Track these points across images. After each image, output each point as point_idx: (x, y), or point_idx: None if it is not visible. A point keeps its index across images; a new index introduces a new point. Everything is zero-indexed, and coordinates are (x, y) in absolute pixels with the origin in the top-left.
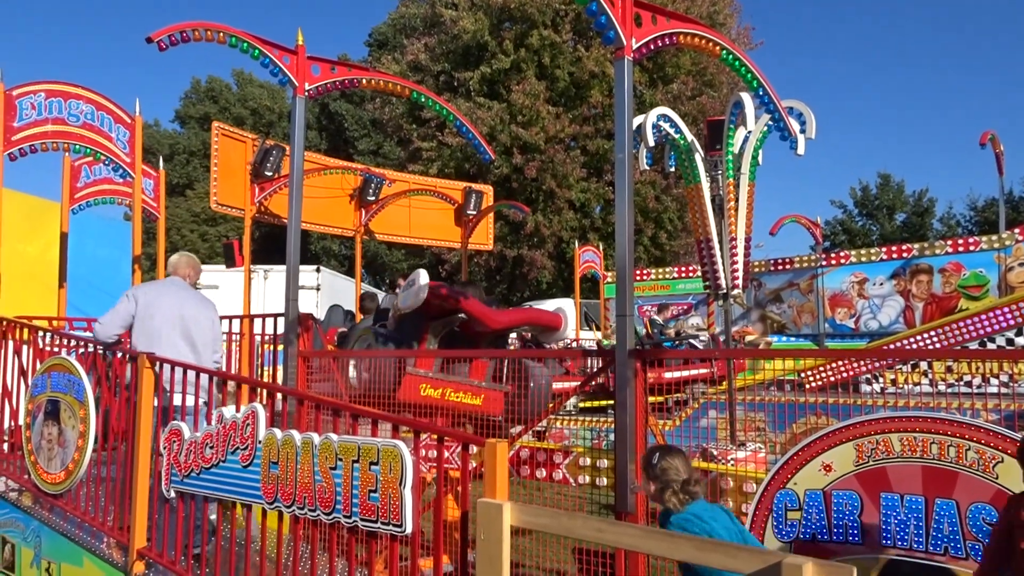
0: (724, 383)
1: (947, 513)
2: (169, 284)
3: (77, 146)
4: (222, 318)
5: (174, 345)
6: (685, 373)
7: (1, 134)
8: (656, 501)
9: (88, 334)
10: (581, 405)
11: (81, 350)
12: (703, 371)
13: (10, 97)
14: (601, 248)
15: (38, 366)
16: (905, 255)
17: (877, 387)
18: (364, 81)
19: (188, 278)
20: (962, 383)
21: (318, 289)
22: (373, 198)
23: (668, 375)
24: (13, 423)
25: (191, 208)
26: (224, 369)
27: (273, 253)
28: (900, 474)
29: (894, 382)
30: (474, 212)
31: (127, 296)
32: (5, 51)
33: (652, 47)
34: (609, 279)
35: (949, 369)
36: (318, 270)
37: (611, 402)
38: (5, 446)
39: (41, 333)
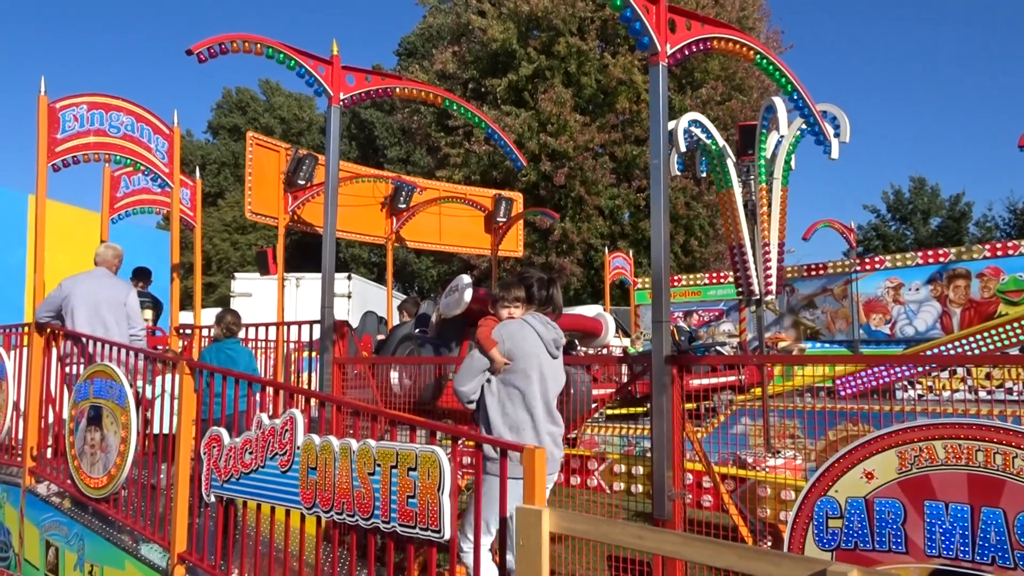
0: (753, 390)
1: (994, 522)
2: (90, 273)
3: (118, 157)
4: (256, 325)
5: (88, 323)
6: (712, 381)
7: (45, 146)
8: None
9: (138, 340)
10: (608, 412)
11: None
12: (730, 378)
13: (54, 110)
14: (631, 255)
15: (81, 372)
16: (942, 260)
17: (914, 394)
18: (398, 90)
19: (112, 266)
20: (1002, 390)
21: (349, 296)
22: (404, 206)
23: (695, 382)
24: (57, 429)
25: (222, 217)
26: (145, 343)
27: (304, 261)
28: (944, 482)
29: (931, 389)
30: (504, 219)
31: (59, 286)
32: (44, 62)
33: (686, 52)
34: (640, 285)
35: (989, 376)
36: (349, 277)
37: (639, 409)
38: (49, 451)
39: (84, 340)
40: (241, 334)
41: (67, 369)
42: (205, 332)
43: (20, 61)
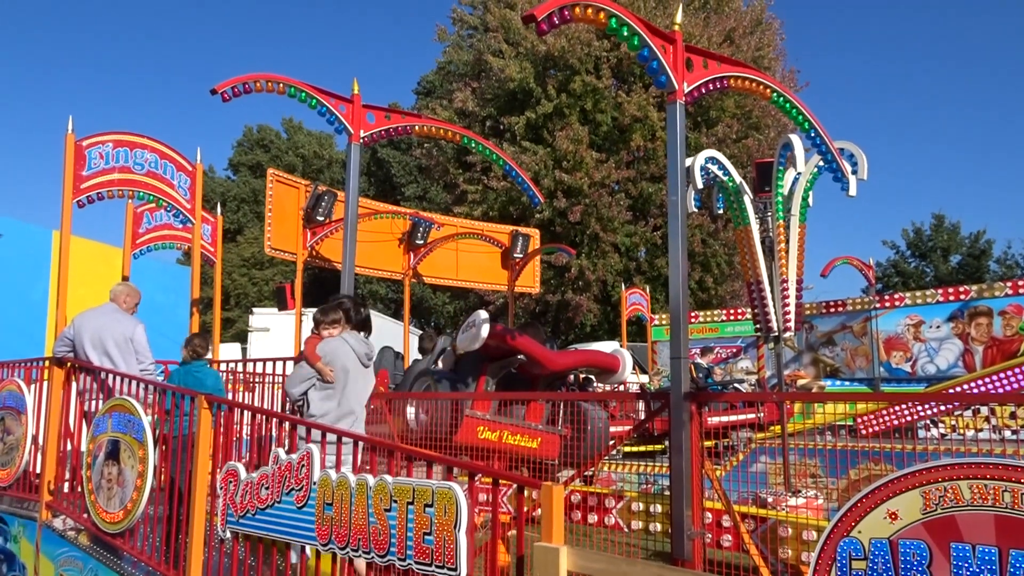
0: (772, 428)
1: (1023, 565)
2: (98, 309)
3: (141, 193)
4: (274, 360)
5: (95, 359)
6: (730, 418)
7: (71, 182)
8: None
9: (148, 375)
10: (625, 449)
11: (140, 391)
12: (749, 416)
13: (80, 148)
14: (648, 291)
15: (100, 407)
16: (963, 297)
17: (936, 433)
18: (417, 128)
19: (124, 304)
20: None
21: None
22: (422, 242)
23: (713, 419)
24: (74, 462)
25: (241, 253)
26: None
27: (321, 296)
28: (971, 523)
29: (955, 428)
30: (521, 255)
31: (70, 323)
32: (71, 101)
33: (703, 91)
34: (657, 322)
35: (1014, 415)
36: None
37: (656, 447)
38: (66, 486)
39: (103, 375)
40: (209, 355)
41: (85, 406)
42: (223, 367)
43: (48, 100)
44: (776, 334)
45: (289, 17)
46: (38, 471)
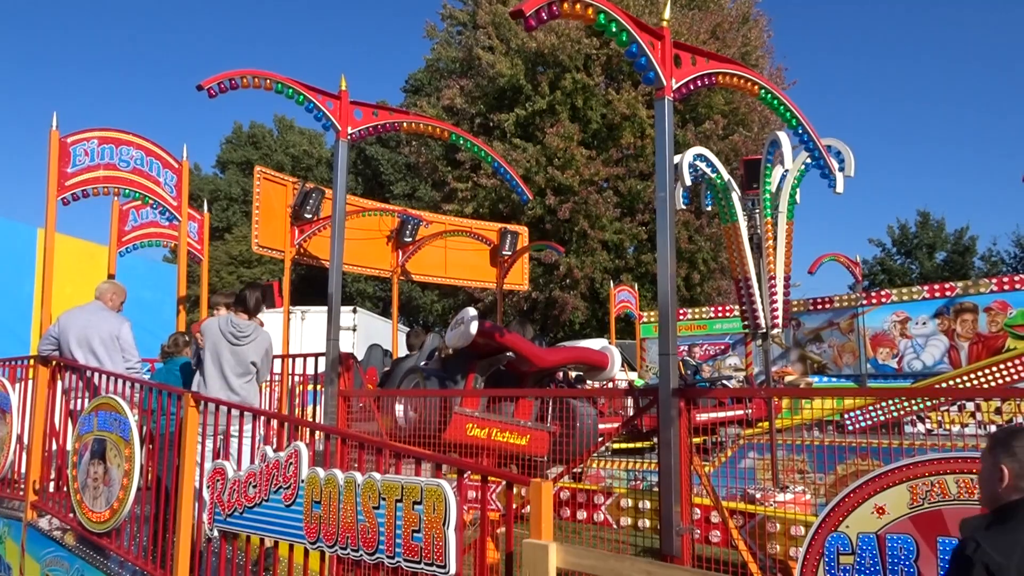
0: (760, 424)
1: None
2: (85, 307)
3: (127, 190)
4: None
5: (81, 358)
6: (719, 414)
7: (55, 180)
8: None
9: (135, 373)
10: (614, 447)
11: (127, 389)
12: (737, 412)
13: (65, 144)
14: (636, 288)
15: (86, 405)
16: (948, 294)
17: (923, 428)
18: (405, 124)
19: (110, 302)
20: (1014, 425)
21: (355, 329)
22: (410, 239)
23: (702, 416)
24: (60, 462)
25: (229, 251)
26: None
27: (309, 295)
28: (957, 517)
29: (940, 423)
30: (509, 253)
31: (55, 321)
32: (56, 97)
33: (692, 87)
34: (645, 319)
35: (999, 410)
36: (355, 311)
37: (645, 444)
38: (51, 485)
39: (88, 373)
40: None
41: (71, 405)
42: None
43: (32, 97)
44: (764, 331)
45: (278, 14)
46: (23, 471)
